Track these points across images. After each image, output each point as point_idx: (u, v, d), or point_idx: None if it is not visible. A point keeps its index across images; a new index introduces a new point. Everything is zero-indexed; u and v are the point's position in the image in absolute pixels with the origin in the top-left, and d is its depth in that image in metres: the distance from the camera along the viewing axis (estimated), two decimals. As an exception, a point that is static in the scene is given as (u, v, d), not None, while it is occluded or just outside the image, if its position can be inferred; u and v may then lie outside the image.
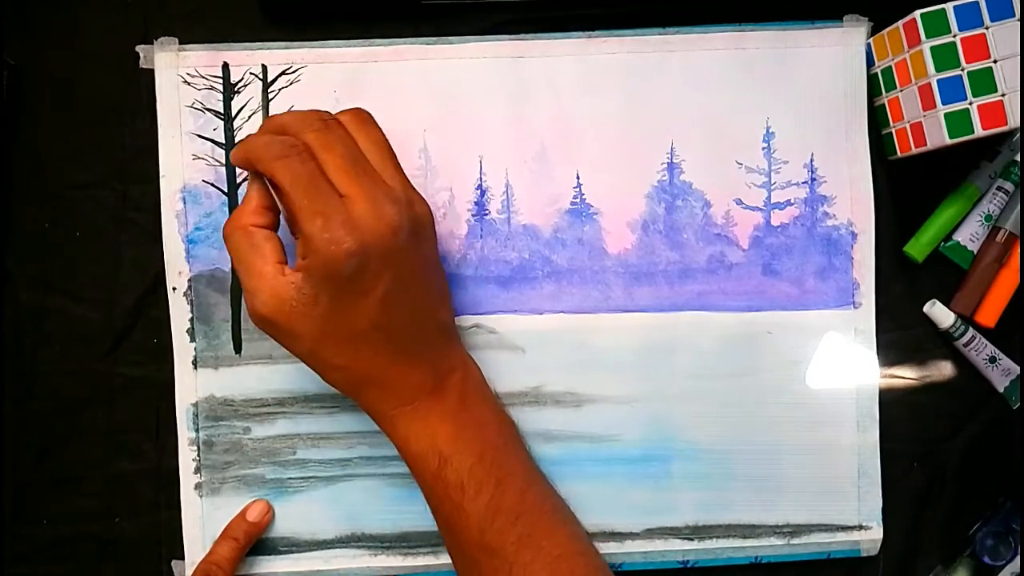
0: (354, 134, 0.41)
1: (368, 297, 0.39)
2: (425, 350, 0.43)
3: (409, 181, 0.42)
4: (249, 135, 0.42)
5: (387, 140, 0.42)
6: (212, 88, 0.49)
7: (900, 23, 0.46)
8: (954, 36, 0.43)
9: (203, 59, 0.49)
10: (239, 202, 0.49)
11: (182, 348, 0.49)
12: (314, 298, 0.39)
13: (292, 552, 0.49)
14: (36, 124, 0.49)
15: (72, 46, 0.49)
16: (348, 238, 0.37)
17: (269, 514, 0.49)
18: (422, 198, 0.42)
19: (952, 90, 0.43)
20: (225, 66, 0.49)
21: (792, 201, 0.50)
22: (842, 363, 0.50)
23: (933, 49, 0.44)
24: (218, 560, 0.46)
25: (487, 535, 0.42)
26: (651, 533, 0.50)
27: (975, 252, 0.50)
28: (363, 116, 0.42)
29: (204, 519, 0.49)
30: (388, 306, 0.40)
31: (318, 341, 0.40)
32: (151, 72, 0.49)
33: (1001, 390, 0.51)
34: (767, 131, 0.50)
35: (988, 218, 0.50)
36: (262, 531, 0.49)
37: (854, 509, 0.50)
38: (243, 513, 0.48)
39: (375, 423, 0.44)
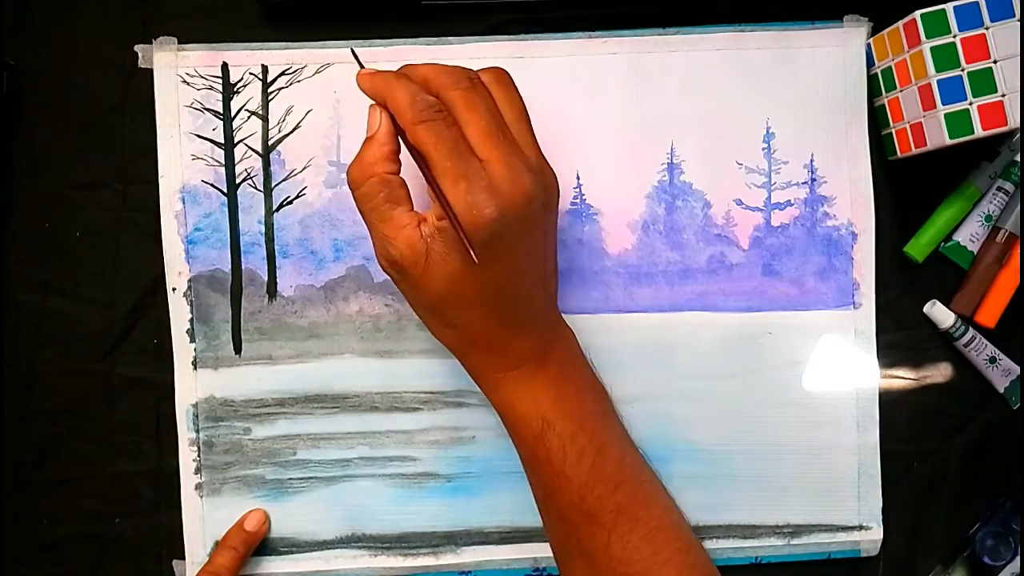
0: (495, 95, 0.40)
1: (497, 264, 0.39)
2: (534, 318, 0.43)
3: (540, 149, 0.41)
4: (386, 73, 0.40)
5: (524, 105, 0.41)
6: (211, 88, 0.49)
7: (900, 23, 0.46)
8: (954, 36, 0.43)
9: (202, 59, 0.49)
10: (238, 204, 0.49)
11: (182, 349, 0.49)
12: (446, 257, 0.39)
13: (293, 553, 0.49)
14: (36, 124, 0.49)
15: (72, 46, 0.49)
16: (489, 204, 0.37)
17: (266, 524, 0.49)
18: (552, 169, 0.42)
19: (952, 90, 0.43)
20: (224, 66, 0.49)
21: (792, 201, 0.50)
22: (842, 363, 0.50)
23: (933, 49, 0.44)
24: (218, 570, 0.46)
25: (587, 502, 0.42)
26: (651, 533, 0.50)
27: (975, 252, 0.50)
28: (505, 78, 0.41)
29: (204, 519, 0.49)
30: (514, 275, 0.40)
31: (441, 299, 0.40)
32: (150, 72, 0.49)
33: (1001, 390, 0.51)
34: (767, 131, 0.50)
35: (988, 218, 0.50)
36: (260, 540, 0.49)
37: (854, 509, 0.50)
38: (240, 523, 0.48)
39: (476, 383, 0.44)
